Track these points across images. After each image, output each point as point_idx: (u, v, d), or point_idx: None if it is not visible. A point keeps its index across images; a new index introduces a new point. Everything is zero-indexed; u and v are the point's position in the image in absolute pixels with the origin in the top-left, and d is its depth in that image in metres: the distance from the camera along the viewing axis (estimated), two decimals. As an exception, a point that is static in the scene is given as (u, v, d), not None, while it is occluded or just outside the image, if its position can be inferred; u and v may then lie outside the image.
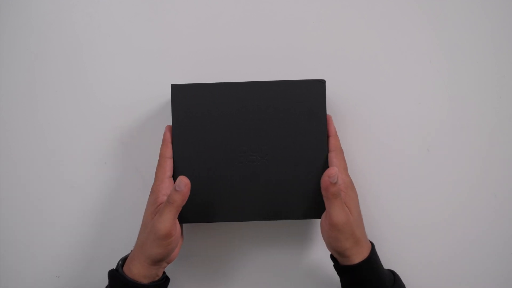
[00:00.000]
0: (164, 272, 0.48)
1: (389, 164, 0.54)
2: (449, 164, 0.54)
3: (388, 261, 0.51)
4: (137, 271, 0.45)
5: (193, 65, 0.55)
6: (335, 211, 0.45)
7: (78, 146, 0.55)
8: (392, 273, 0.49)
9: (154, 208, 0.47)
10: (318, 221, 0.49)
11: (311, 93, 0.49)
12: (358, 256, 0.46)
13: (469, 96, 0.54)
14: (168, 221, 0.44)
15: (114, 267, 0.48)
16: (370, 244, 0.48)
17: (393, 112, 0.54)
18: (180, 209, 0.45)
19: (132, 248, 0.48)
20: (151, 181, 0.49)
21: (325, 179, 0.45)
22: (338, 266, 0.48)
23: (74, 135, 0.56)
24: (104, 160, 0.55)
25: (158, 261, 0.45)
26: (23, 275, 0.56)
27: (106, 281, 0.47)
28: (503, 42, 0.54)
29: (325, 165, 0.49)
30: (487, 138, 0.54)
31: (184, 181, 0.44)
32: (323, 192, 0.46)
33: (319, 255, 0.55)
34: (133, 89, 0.55)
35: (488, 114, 0.54)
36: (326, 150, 0.49)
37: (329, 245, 0.47)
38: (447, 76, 0.54)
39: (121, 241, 0.55)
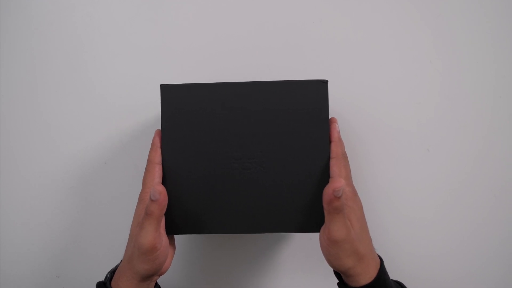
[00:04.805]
0: (156, 283, 0.45)
1: (389, 164, 0.54)
2: (449, 164, 0.54)
3: (387, 261, 0.51)
4: None
5: (194, 65, 0.55)
6: (335, 226, 0.40)
7: (78, 146, 0.55)
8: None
9: (141, 219, 0.43)
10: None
11: (312, 95, 0.45)
12: (363, 276, 0.41)
13: (468, 96, 0.54)
14: (150, 234, 0.40)
15: (109, 270, 0.45)
16: (379, 260, 0.43)
17: (393, 112, 0.54)
18: (161, 219, 0.42)
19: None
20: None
21: (328, 192, 0.39)
22: (342, 286, 0.43)
23: (74, 135, 0.56)
24: (104, 160, 0.55)
25: (147, 277, 0.42)
26: (23, 275, 0.56)
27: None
28: (503, 42, 0.54)
29: (327, 174, 0.45)
30: (487, 138, 0.54)
31: (158, 189, 0.40)
32: (324, 206, 0.41)
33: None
34: (133, 89, 0.55)
35: (488, 114, 0.54)
36: (328, 157, 0.45)
37: (330, 263, 0.42)
38: (447, 76, 0.54)
39: (121, 241, 0.54)
